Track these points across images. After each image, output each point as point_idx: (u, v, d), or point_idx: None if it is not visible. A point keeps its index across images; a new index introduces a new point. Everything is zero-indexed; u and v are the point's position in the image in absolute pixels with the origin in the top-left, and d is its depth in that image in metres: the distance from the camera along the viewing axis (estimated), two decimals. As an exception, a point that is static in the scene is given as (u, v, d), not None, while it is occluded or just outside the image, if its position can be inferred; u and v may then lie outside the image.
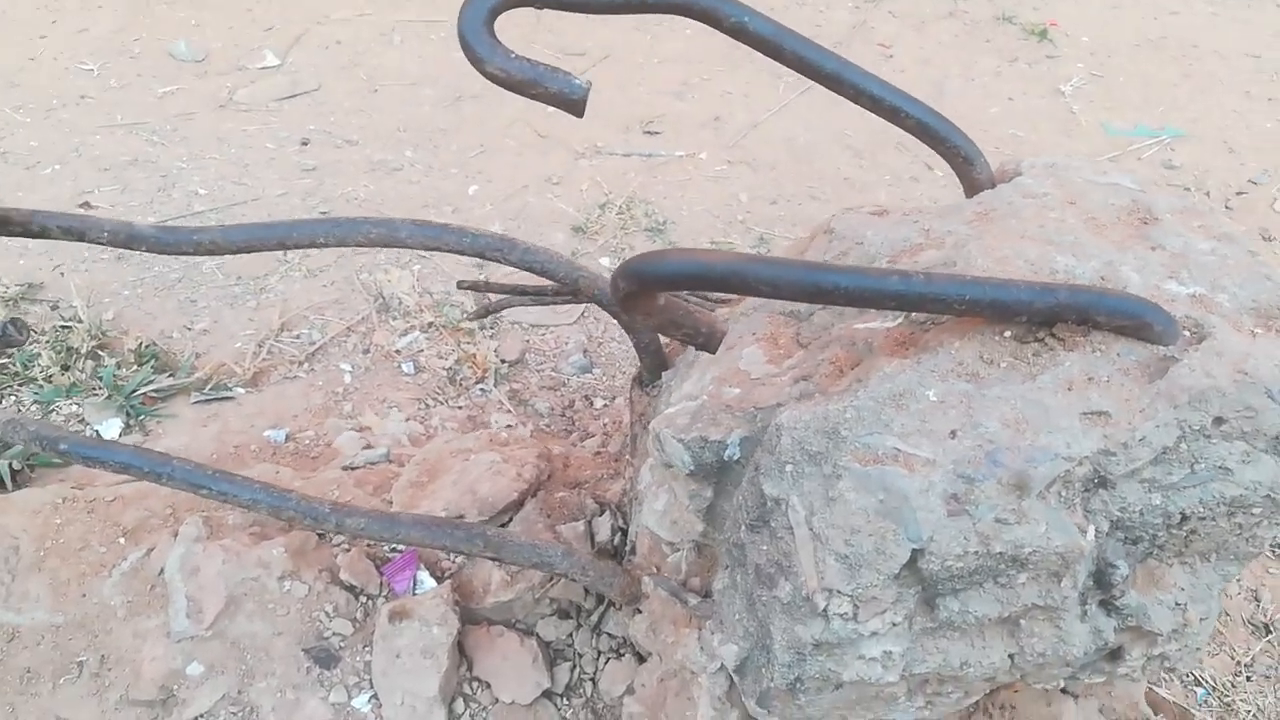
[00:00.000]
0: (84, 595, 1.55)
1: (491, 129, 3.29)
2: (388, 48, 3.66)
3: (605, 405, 2.43)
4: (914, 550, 0.99)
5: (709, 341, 1.26)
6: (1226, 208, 3.32)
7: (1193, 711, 1.83)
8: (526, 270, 1.48)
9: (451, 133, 3.27)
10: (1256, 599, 2.08)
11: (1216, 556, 1.15)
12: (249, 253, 1.47)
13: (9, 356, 2.19)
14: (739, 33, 1.22)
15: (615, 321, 2.66)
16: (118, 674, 1.48)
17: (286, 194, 2.96)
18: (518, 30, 3.81)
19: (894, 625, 1.05)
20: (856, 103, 1.29)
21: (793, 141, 3.41)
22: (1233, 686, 1.89)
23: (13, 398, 2.21)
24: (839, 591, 1.01)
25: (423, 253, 2.77)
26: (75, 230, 1.51)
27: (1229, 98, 3.88)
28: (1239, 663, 1.94)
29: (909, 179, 3.30)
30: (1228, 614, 2.05)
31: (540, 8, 1.20)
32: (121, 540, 1.61)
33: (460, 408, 2.33)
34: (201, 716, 1.46)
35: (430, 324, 2.53)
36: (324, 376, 2.38)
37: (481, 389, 2.40)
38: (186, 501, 1.67)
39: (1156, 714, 1.65)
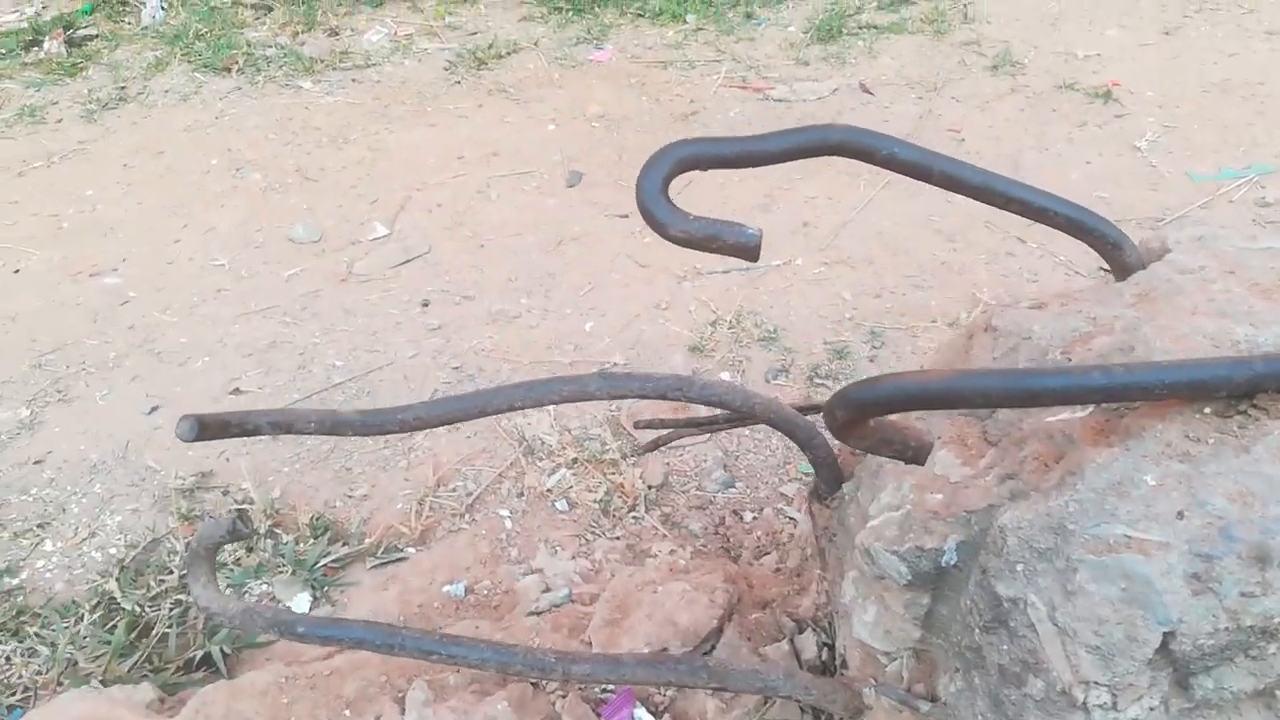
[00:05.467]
0: (320, 767, 1.63)
1: (595, 267, 3.45)
2: (486, 203, 3.89)
3: (755, 518, 2.48)
4: (1165, 633, 1.02)
5: (919, 454, 1.32)
6: (1334, 237, 3.29)
7: None
8: (704, 404, 1.56)
9: (559, 275, 3.44)
10: None
11: None
12: (452, 424, 1.58)
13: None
14: (890, 163, 1.31)
15: (747, 434, 2.74)
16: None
17: (418, 354, 3.13)
18: (604, 169, 4.01)
19: (1152, 710, 1.07)
20: (1007, 209, 1.37)
21: (883, 234, 3.50)
22: None
23: (206, 583, 2.34)
24: (1096, 683, 1.04)
25: (554, 393, 2.89)
26: (284, 425, 1.64)
27: (1309, 127, 3.90)
28: None
29: (1005, 254, 3.36)
30: None
31: (705, 169, 1.32)
32: (347, 712, 1.70)
33: (618, 538, 2.40)
34: None
35: (575, 460, 2.63)
36: (486, 525, 2.48)
37: (635, 517, 2.47)
38: (399, 668, 1.75)
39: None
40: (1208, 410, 1.15)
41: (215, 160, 4.27)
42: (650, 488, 2.55)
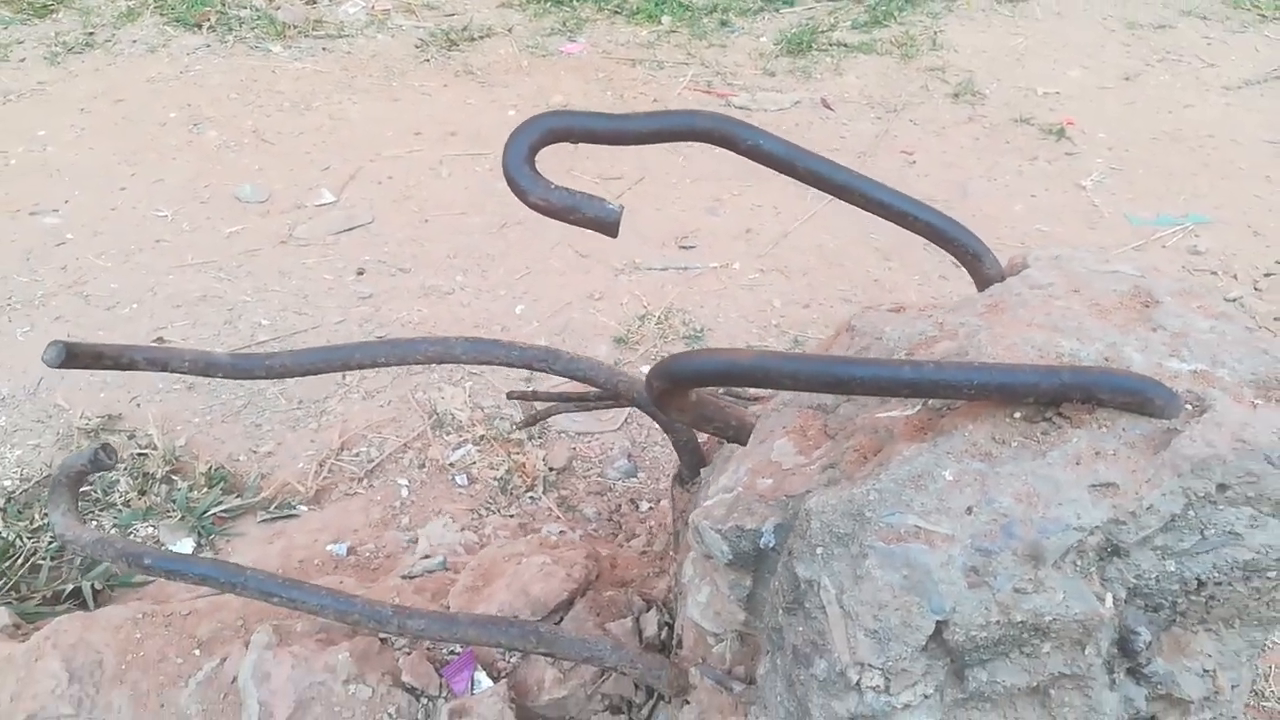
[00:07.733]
0: (162, 706, 1.64)
1: (536, 252, 3.47)
2: (436, 180, 3.90)
3: (650, 508, 2.51)
4: (938, 622, 1.05)
5: (740, 434, 1.35)
6: (1255, 289, 3.36)
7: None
8: (570, 378, 1.59)
9: (498, 257, 3.45)
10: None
11: (1240, 623, 1.19)
12: (316, 374, 1.60)
13: (92, 482, 2.34)
14: (754, 153, 1.34)
15: (657, 427, 2.75)
16: (195, 780, 1.55)
17: (344, 321, 3.13)
18: (558, 159, 4.03)
19: (925, 697, 1.10)
20: (867, 209, 1.40)
21: (822, 248, 3.54)
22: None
23: (94, 522, 2.34)
24: (870, 665, 1.07)
25: (474, 369, 2.91)
26: (159, 361, 1.66)
27: (1250, 183, 3.97)
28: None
29: (938, 277, 3.40)
30: None
31: (575, 143, 1.34)
32: (197, 652, 1.71)
33: (512, 516, 2.42)
34: (273, 819, 1.52)
35: (482, 437, 2.65)
36: (382, 492, 2.50)
37: (531, 497, 2.49)
38: (257, 613, 1.76)
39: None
40: (1018, 415, 1.18)
41: (174, 114, 4.26)
42: (552, 470, 2.57)
